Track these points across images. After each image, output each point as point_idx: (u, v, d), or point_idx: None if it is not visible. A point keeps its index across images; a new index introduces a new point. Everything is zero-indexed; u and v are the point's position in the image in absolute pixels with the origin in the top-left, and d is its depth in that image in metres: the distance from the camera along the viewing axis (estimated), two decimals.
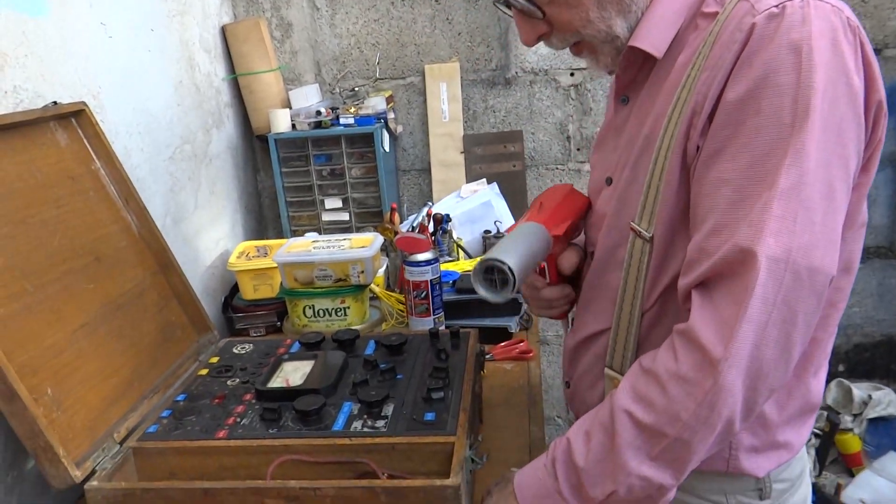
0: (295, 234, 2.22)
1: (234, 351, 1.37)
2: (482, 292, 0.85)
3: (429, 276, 1.54)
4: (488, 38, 2.20)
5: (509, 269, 0.83)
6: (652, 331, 0.89)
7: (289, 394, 1.13)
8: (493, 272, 0.84)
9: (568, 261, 0.98)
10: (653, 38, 0.84)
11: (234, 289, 1.93)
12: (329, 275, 1.60)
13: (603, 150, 0.98)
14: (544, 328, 2.48)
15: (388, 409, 1.08)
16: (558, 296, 1.00)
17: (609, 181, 0.94)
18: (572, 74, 2.21)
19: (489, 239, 2.02)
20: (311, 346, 1.32)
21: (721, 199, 0.76)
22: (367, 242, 1.65)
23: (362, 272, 1.59)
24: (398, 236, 1.58)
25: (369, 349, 1.31)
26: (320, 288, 1.61)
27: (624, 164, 0.90)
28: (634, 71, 0.90)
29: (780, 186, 0.72)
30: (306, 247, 1.66)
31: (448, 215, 1.98)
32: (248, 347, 1.38)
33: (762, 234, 0.72)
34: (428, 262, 1.54)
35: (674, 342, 0.79)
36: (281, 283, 1.65)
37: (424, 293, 1.54)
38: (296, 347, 1.35)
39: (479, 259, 0.87)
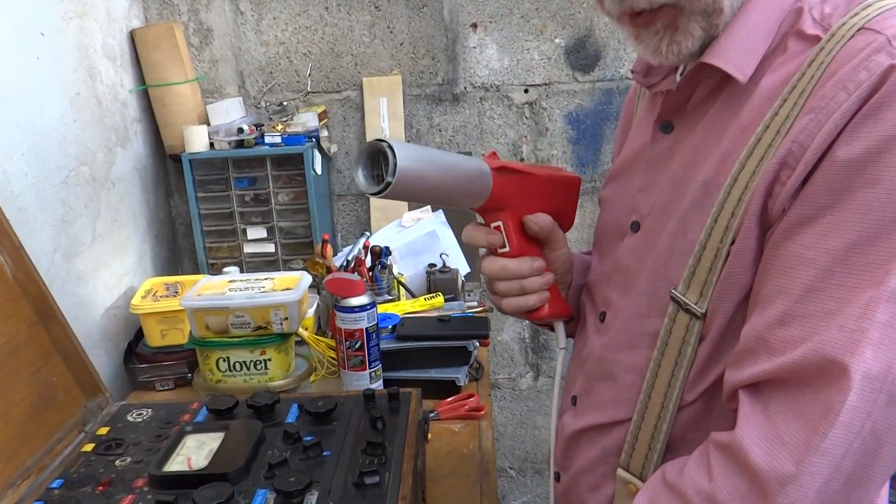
0: (213, 267, 2.14)
1: (129, 419, 1.24)
2: (361, 182, 0.77)
3: (364, 324, 1.46)
4: (434, 50, 2.16)
5: (389, 146, 0.74)
6: (688, 433, 0.80)
7: (190, 480, 1.00)
8: (379, 161, 0.76)
9: (536, 219, 0.88)
10: (738, 57, 0.73)
11: (140, 334, 1.81)
12: (247, 322, 1.50)
13: (625, 185, 0.90)
14: (495, 370, 2.43)
15: (312, 500, 0.95)
16: (528, 271, 0.89)
17: (635, 226, 0.86)
18: (526, 91, 2.18)
19: (434, 274, 1.95)
20: (220, 414, 1.21)
21: (798, 281, 0.66)
22: (292, 283, 1.55)
23: (286, 319, 1.50)
24: (328, 278, 1.48)
25: (291, 416, 1.21)
26: (236, 337, 1.51)
27: (662, 210, 0.82)
28: (691, 93, 0.81)
29: (891, 286, 0.62)
30: (220, 288, 1.55)
31: (388, 248, 1.92)
32: (146, 414, 1.26)
33: (859, 344, 0.62)
34: (363, 308, 1.45)
35: (710, 456, 0.69)
36: (190, 332, 1.52)
37: (359, 344, 1.46)
38: (203, 415, 1.23)
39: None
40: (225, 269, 1.91)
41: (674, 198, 0.80)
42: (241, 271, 2.07)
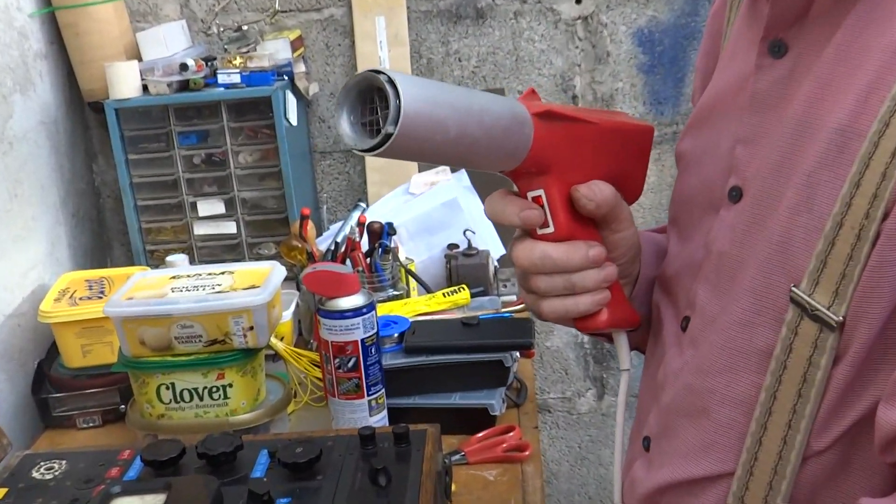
0: (153, 255, 2.13)
1: (35, 475, 1.22)
2: (347, 133, 0.74)
3: (359, 334, 1.43)
4: None
5: (389, 80, 0.71)
6: (818, 496, 0.79)
7: None
8: (374, 102, 0.74)
9: (592, 190, 0.87)
10: None
11: (55, 351, 1.80)
12: (197, 334, 1.46)
13: (717, 134, 0.89)
14: (543, 388, 2.43)
15: None
16: (579, 262, 0.89)
17: (736, 194, 0.85)
18: (578, 1, 2.17)
19: (456, 259, 1.95)
20: (161, 467, 1.17)
21: None
22: (258, 278, 1.52)
23: (250, 329, 1.46)
24: (307, 271, 1.44)
25: (259, 468, 1.18)
26: (184, 356, 1.48)
27: (776, 170, 0.81)
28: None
29: None
30: (160, 287, 1.52)
31: (391, 224, 1.89)
32: (59, 468, 1.23)
33: None
34: (357, 312, 1.42)
35: None
36: (120, 350, 1.50)
37: (353, 361, 1.44)
38: (137, 468, 1.20)
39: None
40: (168, 259, 1.91)
41: (792, 152, 0.79)
42: (192, 261, 2.05)
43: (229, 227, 2.11)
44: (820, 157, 0.75)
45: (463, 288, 1.81)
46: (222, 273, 1.55)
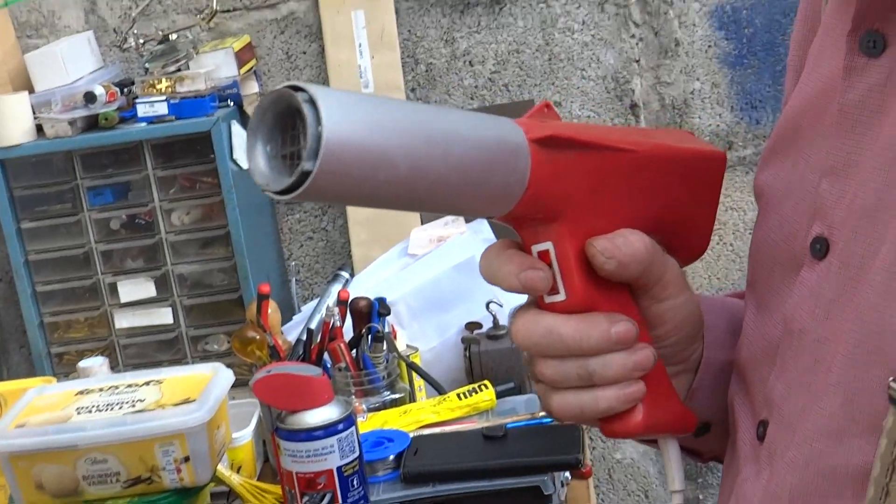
0: (62, 361, 2.16)
1: None
2: (261, 169, 0.72)
3: (334, 461, 1.46)
4: None
5: (309, 98, 0.70)
6: None
7: None
8: (296, 127, 0.73)
9: (615, 244, 0.86)
10: None
11: None
12: (113, 472, 1.51)
13: (799, 162, 0.91)
14: (607, 445, 2.42)
15: None
16: (598, 341, 0.88)
17: (821, 248, 0.85)
18: None
19: (477, 343, 1.95)
20: None
21: None
22: (195, 389, 1.56)
23: (185, 460, 1.50)
24: (258, 375, 1.46)
25: None
26: (94, 501, 1.52)
27: (872, 213, 0.82)
28: None
29: None
30: (62, 407, 1.57)
31: (383, 300, 1.92)
32: None
33: None
34: (330, 430, 1.45)
35: None
36: (11, 498, 1.54)
37: (326, 498, 1.46)
38: None
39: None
40: (81, 365, 1.91)
41: (891, 191, 0.80)
42: (114, 366, 2.08)
43: (163, 316, 2.11)
44: None
45: (486, 385, 1.81)
46: (146, 384, 1.58)
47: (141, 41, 2.22)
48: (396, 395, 1.86)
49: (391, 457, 1.62)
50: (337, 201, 0.77)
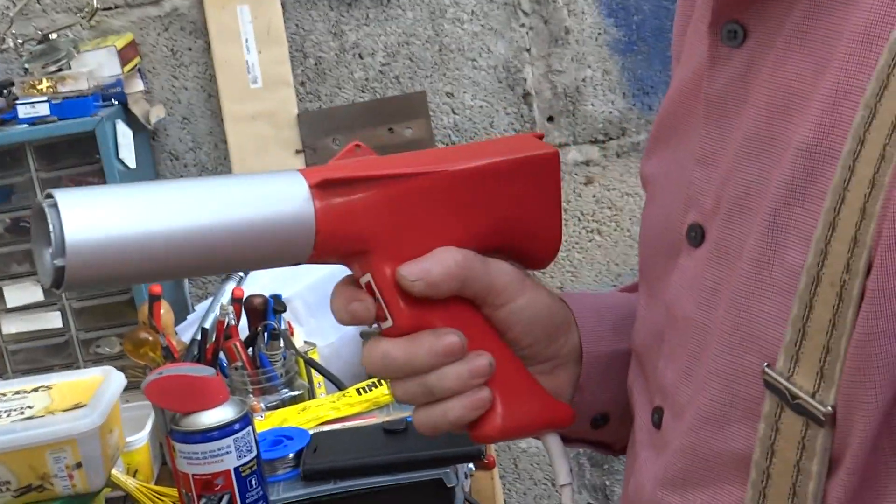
0: None
1: None
2: (44, 267, 0.80)
3: (231, 462, 1.46)
4: None
5: (52, 204, 0.78)
6: None
7: None
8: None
9: (421, 266, 0.89)
10: None
11: None
12: (2, 480, 1.52)
13: (676, 151, 0.94)
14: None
15: None
16: (426, 358, 0.90)
17: (696, 235, 0.90)
18: None
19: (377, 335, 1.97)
20: None
21: None
22: (85, 394, 1.57)
23: (78, 467, 1.52)
24: (150, 378, 1.47)
25: None
26: None
27: (739, 201, 0.84)
28: None
29: None
30: None
31: (278, 297, 1.95)
32: None
33: None
34: (226, 430, 1.46)
35: None
36: None
37: (224, 500, 1.47)
38: None
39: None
40: None
41: (754, 179, 0.82)
42: (3, 372, 2.08)
43: (52, 320, 2.12)
44: (785, 186, 0.77)
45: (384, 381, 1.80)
46: (35, 390, 1.59)
47: (20, 41, 2.21)
48: (295, 393, 1.89)
49: (290, 455, 1.64)
50: (112, 284, 0.80)
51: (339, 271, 1.88)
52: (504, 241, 0.95)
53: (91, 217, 0.78)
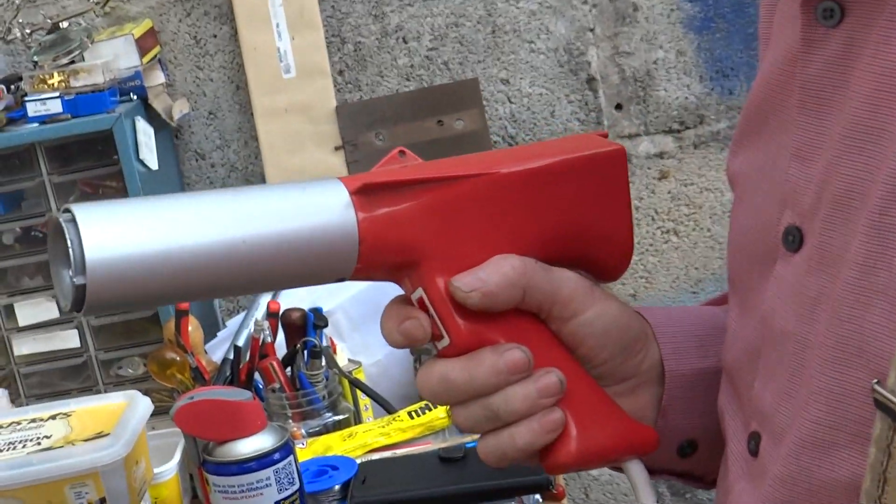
0: None
1: None
2: (63, 288, 0.80)
3: (271, 496, 1.45)
4: None
5: (71, 218, 0.78)
6: None
7: None
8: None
9: (478, 277, 0.89)
10: None
11: None
12: None
13: (769, 144, 0.93)
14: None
15: None
16: (486, 377, 0.89)
17: (793, 239, 0.87)
18: None
19: (430, 351, 1.91)
20: None
21: None
22: (108, 422, 1.55)
23: (101, 502, 1.49)
24: (179, 403, 1.46)
25: None
26: None
27: (842, 201, 0.83)
28: None
29: None
30: None
31: (318, 311, 1.93)
32: None
33: None
34: (265, 461, 1.45)
35: None
36: None
37: None
38: None
39: None
40: None
41: (858, 174, 0.82)
42: (14, 399, 2.04)
43: (68, 340, 2.12)
44: (893, 181, 0.77)
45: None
46: (52, 417, 1.57)
47: (28, 31, 2.21)
48: (339, 417, 1.86)
49: (336, 486, 1.62)
50: (137, 306, 0.82)
51: (384, 282, 1.79)
52: (568, 250, 0.95)
53: (112, 232, 0.80)
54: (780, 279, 0.88)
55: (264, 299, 1.97)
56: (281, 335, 1.89)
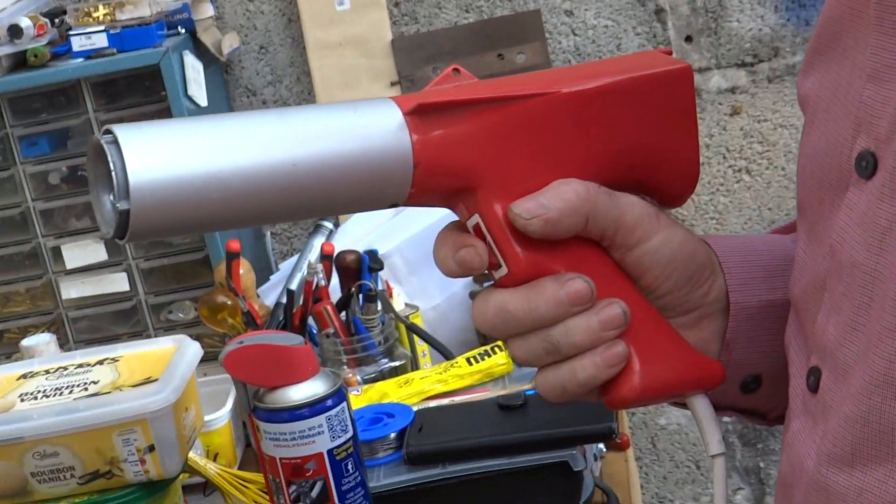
0: (2, 340, 2.20)
1: None
2: (104, 213, 0.83)
3: (324, 444, 1.46)
4: None
5: (113, 139, 0.79)
6: None
7: None
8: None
9: (538, 202, 0.89)
10: None
11: None
12: (66, 466, 1.51)
13: (842, 65, 0.92)
14: (662, 492, 2.47)
15: None
16: (547, 308, 0.91)
17: (867, 165, 0.87)
18: None
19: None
20: None
21: None
22: (157, 367, 1.56)
23: (150, 450, 1.51)
24: (228, 348, 1.47)
25: None
26: (50, 502, 1.53)
27: None
28: None
29: None
30: (3, 395, 1.58)
31: (374, 253, 1.93)
32: None
33: None
34: (317, 407, 1.45)
35: None
36: None
37: (317, 487, 1.47)
38: None
39: None
40: (24, 344, 1.93)
41: None
42: (63, 344, 2.08)
43: (117, 283, 2.13)
44: None
45: (500, 347, 1.81)
46: (100, 363, 1.59)
47: None
48: (396, 363, 1.88)
49: (392, 435, 1.63)
50: (182, 232, 0.83)
51: (443, 223, 1.84)
52: (632, 174, 0.94)
53: (156, 153, 0.80)
54: (852, 207, 0.88)
55: (318, 241, 1.98)
56: (335, 278, 1.91)
